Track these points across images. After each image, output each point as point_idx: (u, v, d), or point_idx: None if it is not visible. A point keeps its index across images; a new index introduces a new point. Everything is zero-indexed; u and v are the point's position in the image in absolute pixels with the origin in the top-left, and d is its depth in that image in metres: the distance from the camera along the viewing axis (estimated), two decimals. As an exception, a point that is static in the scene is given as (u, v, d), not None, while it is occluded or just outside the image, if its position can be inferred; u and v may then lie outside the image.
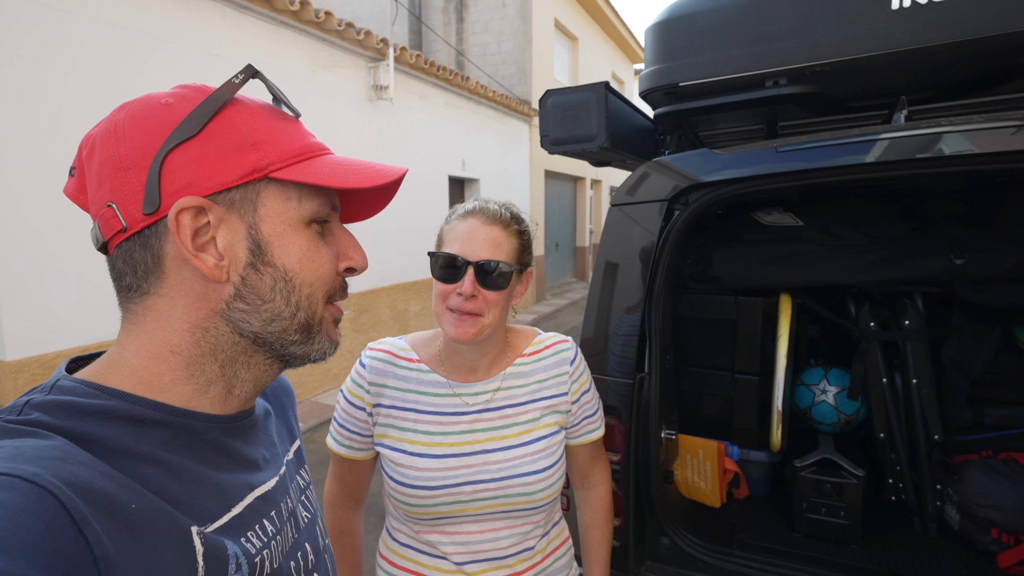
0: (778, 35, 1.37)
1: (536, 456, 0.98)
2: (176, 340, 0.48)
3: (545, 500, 0.98)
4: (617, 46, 15.07)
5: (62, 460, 0.38)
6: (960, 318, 1.63)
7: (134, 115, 0.47)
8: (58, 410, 0.42)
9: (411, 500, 0.93)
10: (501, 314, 0.95)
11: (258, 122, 0.49)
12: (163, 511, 0.42)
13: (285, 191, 0.50)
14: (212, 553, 0.44)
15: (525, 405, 1.01)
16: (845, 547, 1.61)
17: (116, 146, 0.46)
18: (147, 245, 0.47)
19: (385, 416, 0.98)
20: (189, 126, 0.46)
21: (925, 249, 1.55)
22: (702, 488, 1.75)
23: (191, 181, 0.46)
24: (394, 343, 1.04)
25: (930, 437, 1.62)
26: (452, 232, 0.95)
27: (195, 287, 0.48)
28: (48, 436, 0.40)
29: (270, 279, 0.49)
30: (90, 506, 0.37)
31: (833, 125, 1.89)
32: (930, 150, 1.19)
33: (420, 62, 6.35)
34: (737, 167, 1.37)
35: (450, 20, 10.39)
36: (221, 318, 0.49)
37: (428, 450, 0.95)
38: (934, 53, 1.28)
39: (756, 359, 1.77)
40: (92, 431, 0.42)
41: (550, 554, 1.04)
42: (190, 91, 0.48)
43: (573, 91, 1.57)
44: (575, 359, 1.07)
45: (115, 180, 0.46)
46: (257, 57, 4.48)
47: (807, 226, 1.69)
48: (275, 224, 0.49)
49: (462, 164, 7.72)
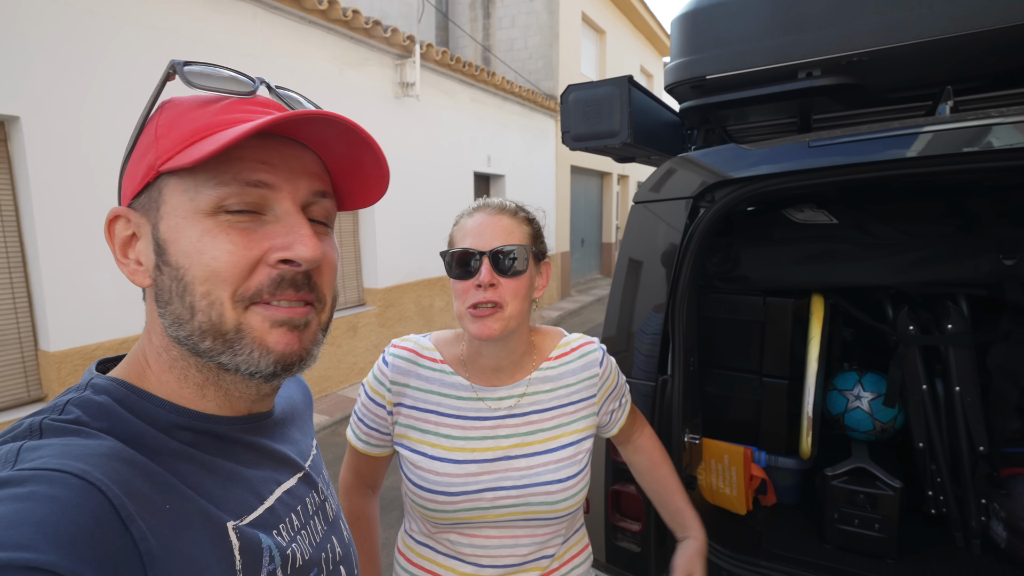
0: (811, 23, 1.31)
1: (561, 464, 0.95)
2: (158, 342, 0.50)
3: (568, 510, 0.95)
4: (646, 39, 14.81)
5: (107, 458, 0.40)
6: (1009, 322, 1.53)
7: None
8: (95, 409, 0.44)
9: (430, 505, 0.92)
10: (523, 305, 0.92)
11: (168, 118, 0.46)
12: (200, 507, 0.44)
13: (183, 183, 0.45)
14: (247, 547, 0.46)
15: (551, 411, 0.99)
16: (879, 561, 1.53)
17: None
18: None
19: (406, 416, 0.96)
20: (131, 141, 0.48)
21: (971, 249, 1.46)
22: (727, 494, 1.70)
23: (124, 194, 0.49)
24: (419, 341, 1.01)
25: (974, 448, 1.53)
26: (461, 230, 0.94)
27: (149, 292, 0.50)
28: (92, 435, 0.42)
29: (168, 279, 0.46)
30: (134, 503, 0.39)
31: (872, 118, 1.80)
32: (978, 143, 1.11)
33: (446, 58, 6.35)
34: (767, 163, 1.31)
35: (476, 16, 10.37)
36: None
37: (449, 455, 0.93)
38: (981, 40, 1.19)
39: (786, 362, 1.70)
40: (128, 429, 0.44)
41: (568, 561, 1.02)
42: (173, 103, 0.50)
43: (595, 86, 1.53)
44: (603, 360, 1.04)
45: None
46: (286, 57, 4.56)
47: (841, 224, 1.61)
48: (171, 219, 0.45)
49: (488, 160, 7.71)
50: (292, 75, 4.59)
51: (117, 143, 3.39)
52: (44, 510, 0.34)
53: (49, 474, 0.36)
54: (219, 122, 0.46)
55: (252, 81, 0.49)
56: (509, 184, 8.34)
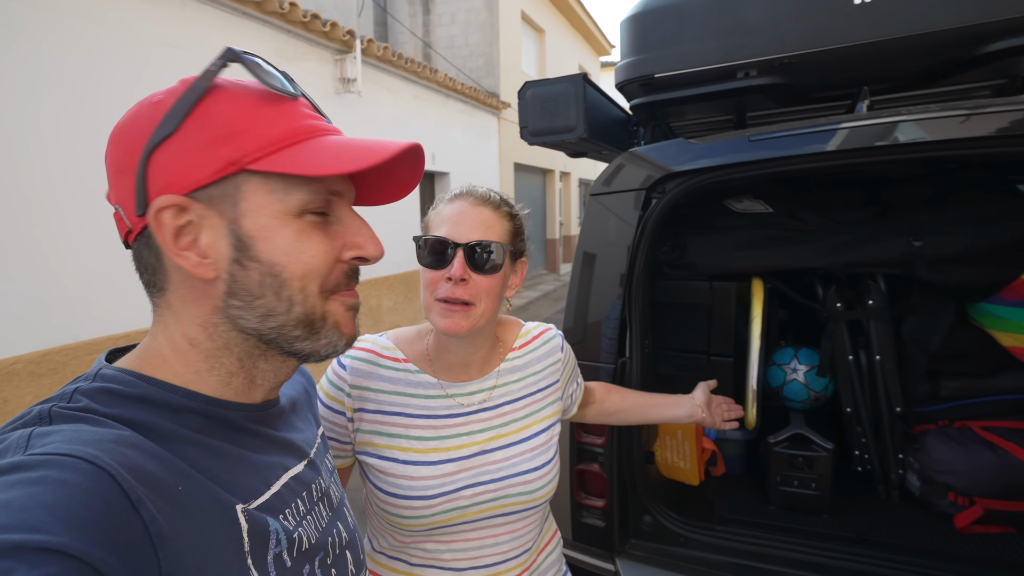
0: (749, 28, 1.42)
1: (536, 452, 0.95)
2: (193, 334, 0.50)
3: (543, 498, 0.95)
4: (584, 39, 15.15)
5: (117, 443, 0.40)
6: (918, 297, 1.73)
7: (130, 116, 0.48)
8: (103, 397, 0.44)
9: (406, 512, 0.86)
10: (494, 304, 0.89)
11: (237, 110, 0.47)
12: (210, 490, 0.45)
13: (268, 183, 0.47)
14: (255, 529, 0.47)
15: (522, 400, 0.98)
16: (817, 516, 1.69)
17: (115, 150, 0.47)
18: (149, 245, 0.48)
19: (369, 422, 0.90)
20: (168, 123, 0.45)
21: (887, 232, 1.64)
22: (681, 467, 1.82)
23: (171, 180, 0.45)
24: (376, 341, 0.96)
25: (892, 410, 1.72)
26: (439, 216, 0.89)
27: (196, 284, 0.48)
28: (101, 422, 0.42)
29: (257, 275, 0.48)
30: (144, 487, 0.39)
31: (799, 115, 1.97)
32: (888, 138, 1.26)
33: (388, 54, 6.26)
34: (712, 156, 1.42)
35: (416, 12, 10.25)
36: (222, 315, 0.49)
37: (422, 457, 0.88)
38: (893, 46, 1.35)
39: (731, 341, 1.84)
40: (136, 417, 0.44)
41: (543, 550, 1.03)
42: (181, 85, 0.47)
43: (551, 83, 1.59)
44: (563, 345, 1.07)
45: (116, 184, 0.48)
46: (219, 49, 4.35)
47: (776, 212, 1.76)
48: (258, 218, 0.47)
49: (432, 157, 7.67)
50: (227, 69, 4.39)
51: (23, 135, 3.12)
52: (56, 494, 0.35)
53: (60, 459, 0.36)
54: (301, 128, 0.49)
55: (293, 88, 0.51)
56: (454, 181, 8.33)
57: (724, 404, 1.29)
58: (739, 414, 1.31)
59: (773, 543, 1.50)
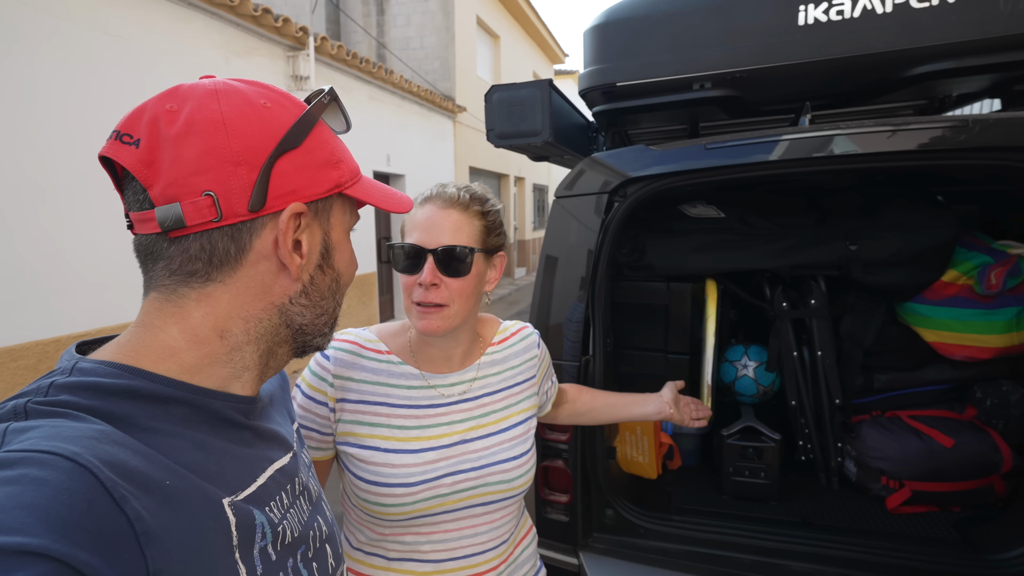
0: (704, 43, 1.51)
1: (514, 442, 0.98)
2: (228, 327, 0.50)
3: (521, 488, 0.98)
4: (539, 47, 15.37)
5: (97, 439, 0.39)
6: (854, 297, 1.87)
7: (241, 111, 0.48)
8: (83, 390, 0.43)
9: (387, 500, 0.87)
10: (468, 303, 0.92)
11: (335, 141, 0.56)
12: (196, 485, 0.44)
13: (344, 204, 0.58)
14: (243, 522, 0.47)
15: (501, 392, 1.02)
16: (766, 504, 1.80)
17: (228, 139, 0.47)
18: (235, 237, 0.49)
19: (351, 412, 0.92)
20: (295, 136, 0.50)
21: (826, 237, 1.76)
22: (640, 462, 1.88)
23: (295, 188, 0.51)
24: (359, 334, 0.98)
25: (832, 402, 1.85)
26: (411, 221, 0.92)
27: (265, 281, 0.52)
28: (80, 417, 0.41)
29: (329, 279, 0.57)
30: (128, 483, 0.38)
31: (748, 127, 2.09)
32: (826, 150, 1.37)
33: (342, 53, 6.15)
34: (671, 162, 1.49)
35: (370, 12, 10.11)
36: (277, 311, 0.53)
37: (404, 445, 0.91)
38: (831, 65, 1.47)
39: (686, 340, 1.92)
40: (119, 410, 0.43)
41: (520, 543, 1.06)
42: (280, 97, 0.52)
43: (518, 87, 1.63)
44: (540, 343, 1.12)
45: (222, 172, 0.47)
46: (164, 41, 4.16)
47: (728, 217, 1.86)
48: (339, 233, 0.57)
49: (387, 159, 7.58)
50: (172, 61, 4.20)
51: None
52: (35, 493, 0.33)
53: (39, 456, 0.35)
54: (357, 165, 0.60)
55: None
56: (409, 184, 8.25)
57: (692, 404, 1.34)
58: (707, 414, 1.35)
59: (726, 530, 1.58)
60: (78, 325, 3.57)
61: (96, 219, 3.61)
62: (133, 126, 0.47)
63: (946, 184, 1.89)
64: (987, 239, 1.77)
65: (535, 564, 1.11)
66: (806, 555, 1.49)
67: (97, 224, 3.63)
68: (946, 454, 1.70)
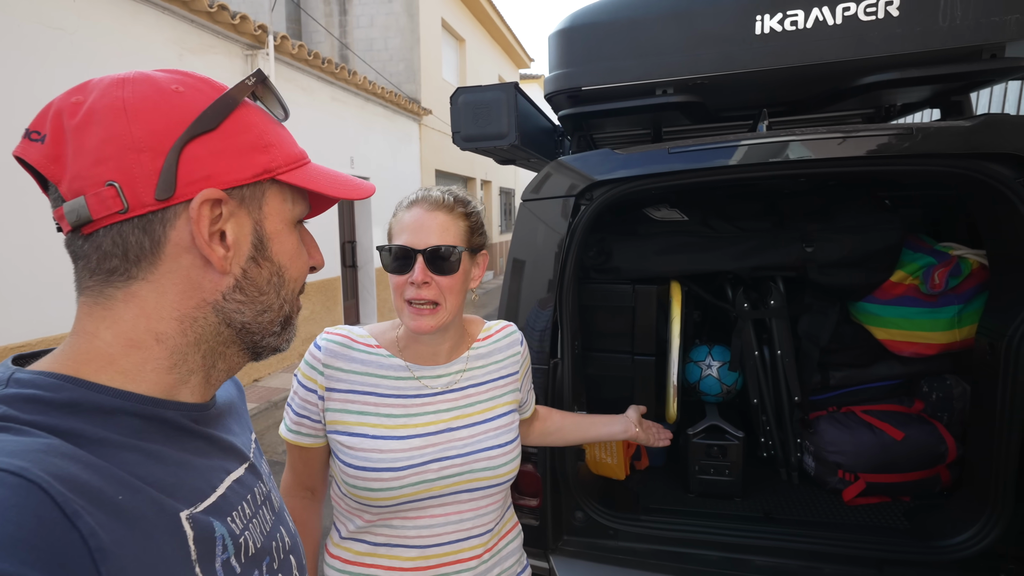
0: (667, 49, 1.54)
1: (499, 431, 1.03)
2: (162, 328, 0.47)
3: (507, 476, 1.01)
4: (504, 51, 15.43)
5: (45, 453, 0.37)
6: (810, 297, 1.94)
7: (145, 96, 0.45)
8: (23, 404, 0.40)
9: (374, 484, 0.91)
10: (458, 299, 0.98)
11: (266, 125, 0.52)
12: (152, 497, 0.42)
13: (283, 192, 0.54)
14: (201, 535, 0.45)
15: (486, 384, 1.06)
16: (730, 500, 1.84)
17: (128, 125, 0.44)
18: (147, 229, 0.46)
19: (340, 400, 0.96)
20: (208, 119, 0.47)
21: (784, 239, 1.82)
22: (609, 463, 1.90)
23: (210, 174, 0.47)
24: (352, 329, 1.03)
25: (791, 399, 1.91)
26: (399, 224, 0.97)
27: (191, 276, 0.48)
28: (23, 431, 0.38)
29: (267, 273, 0.53)
30: (80, 498, 0.36)
31: (709, 132, 2.14)
32: (781, 155, 1.42)
33: (303, 53, 6.02)
34: (636, 166, 1.51)
35: (332, 11, 9.94)
36: (212, 308, 0.50)
37: (392, 432, 0.95)
38: (785, 74, 1.52)
39: (652, 341, 1.96)
40: (63, 424, 0.41)
41: (505, 535, 1.09)
42: (197, 81, 0.49)
43: (483, 90, 1.63)
44: (522, 340, 1.16)
45: (124, 160, 0.44)
46: (111, 34, 3.97)
47: (691, 220, 1.90)
48: (275, 222, 0.53)
49: (351, 162, 7.45)
50: (120, 57, 4.02)
51: None
52: None
53: None
54: (302, 152, 0.56)
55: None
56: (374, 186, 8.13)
57: (654, 427, 1.35)
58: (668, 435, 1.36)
59: (692, 528, 1.61)
60: (13, 336, 3.36)
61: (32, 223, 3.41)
62: (40, 122, 0.45)
63: (893, 188, 1.98)
64: (931, 241, 1.87)
65: (520, 560, 1.13)
66: (769, 549, 1.53)
67: (32, 229, 3.42)
68: (897, 446, 1.78)
